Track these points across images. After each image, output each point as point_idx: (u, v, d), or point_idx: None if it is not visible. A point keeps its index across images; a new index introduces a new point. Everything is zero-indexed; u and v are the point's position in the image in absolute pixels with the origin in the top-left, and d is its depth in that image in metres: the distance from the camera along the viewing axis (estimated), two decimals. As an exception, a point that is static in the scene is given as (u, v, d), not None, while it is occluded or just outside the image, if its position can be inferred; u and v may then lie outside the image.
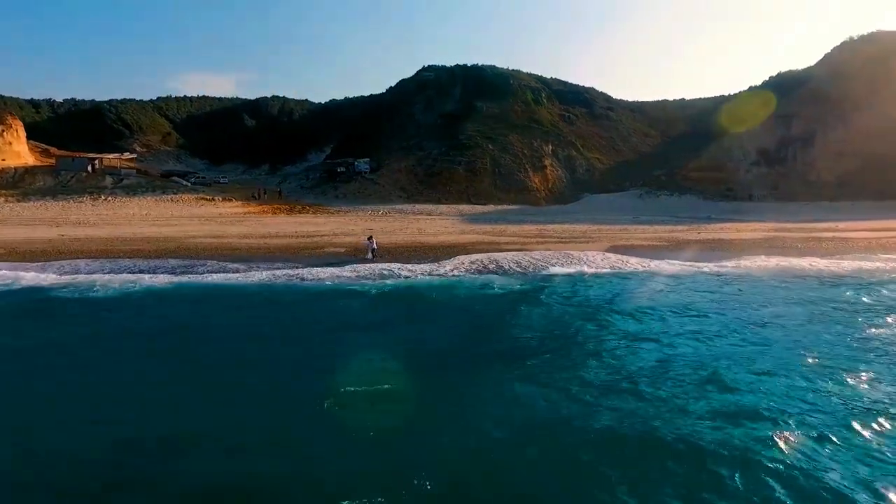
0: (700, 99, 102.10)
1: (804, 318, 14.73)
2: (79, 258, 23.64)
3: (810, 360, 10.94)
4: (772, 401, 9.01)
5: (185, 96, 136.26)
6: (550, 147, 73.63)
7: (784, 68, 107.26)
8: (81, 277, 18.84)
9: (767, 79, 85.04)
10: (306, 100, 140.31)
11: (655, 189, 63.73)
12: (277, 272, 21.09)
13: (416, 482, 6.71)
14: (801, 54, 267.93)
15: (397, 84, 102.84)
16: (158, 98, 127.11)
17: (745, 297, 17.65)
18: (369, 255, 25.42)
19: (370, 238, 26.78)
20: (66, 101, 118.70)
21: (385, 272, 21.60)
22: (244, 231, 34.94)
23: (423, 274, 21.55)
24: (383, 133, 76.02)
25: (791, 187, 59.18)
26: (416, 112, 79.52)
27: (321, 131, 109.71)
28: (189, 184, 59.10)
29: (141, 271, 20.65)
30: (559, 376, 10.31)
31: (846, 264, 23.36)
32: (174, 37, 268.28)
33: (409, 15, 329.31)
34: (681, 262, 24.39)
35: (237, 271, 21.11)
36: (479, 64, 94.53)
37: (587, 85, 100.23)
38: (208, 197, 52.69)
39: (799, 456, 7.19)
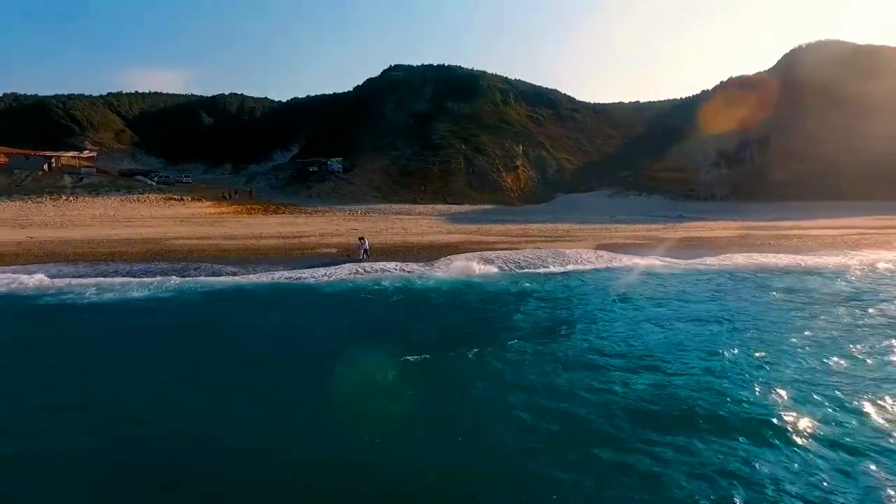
0: (655, 102, 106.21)
1: (807, 307, 15.68)
2: (59, 262, 22.37)
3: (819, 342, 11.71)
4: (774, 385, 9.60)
5: (136, 92, 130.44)
6: (521, 147, 74.83)
7: (735, 73, 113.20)
8: (75, 282, 17.85)
9: (719, 83, 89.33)
10: (266, 97, 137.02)
11: (624, 189, 65.85)
12: (275, 274, 20.64)
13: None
14: (753, 60, 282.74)
15: (365, 83, 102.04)
16: (109, 93, 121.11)
17: (746, 289, 18.61)
18: (361, 256, 25.16)
19: (361, 238, 26.47)
20: (5, 95, 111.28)
21: (395, 271, 21.52)
22: (227, 232, 33.87)
23: (425, 273, 21.55)
24: (354, 133, 75.17)
25: (749, 187, 62.42)
26: (387, 111, 79.10)
27: (286, 130, 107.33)
28: (154, 183, 56.60)
29: (132, 275, 19.75)
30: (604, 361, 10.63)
31: (822, 260, 24.94)
32: (117, 30, 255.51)
33: (368, 14, 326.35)
34: (671, 259, 25.41)
35: (235, 274, 20.51)
36: (447, 64, 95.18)
37: (549, 86, 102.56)
38: (176, 197, 50.68)
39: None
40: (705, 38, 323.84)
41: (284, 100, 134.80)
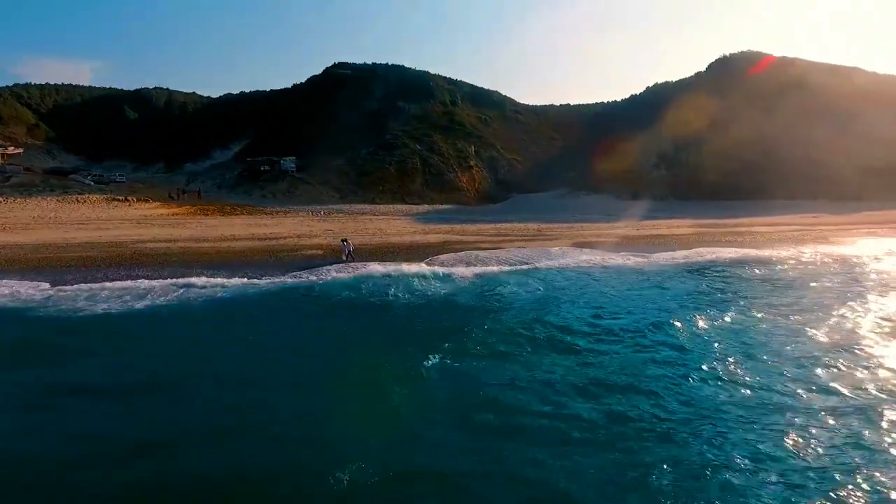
0: (588, 104, 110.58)
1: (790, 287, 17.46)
2: (24, 269, 20.30)
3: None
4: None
5: (47, 83, 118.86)
6: (473, 148, 75.93)
7: (662, 79, 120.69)
8: (69, 289, 16.33)
9: (654, 84, 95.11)
10: (195, 93, 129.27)
11: (575, 189, 68.63)
12: (278, 278, 19.97)
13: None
14: (684, 65, 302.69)
15: (307, 81, 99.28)
16: (16, 84, 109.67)
17: (738, 278, 20.33)
18: (344, 258, 24.71)
19: (345, 240, 25.97)
20: None
21: (403, 272, 21.40)
22: (193, 234, 32.01)
23: (429, 273, 21.62)
24: (304, 131, 72.93)
25: (686, 188, 67.08)
26: (339, 110, 77.43)
27: (225, 127, 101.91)
28: (92, 183, 52.08)
29: (109, 279, 18.30)
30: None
31: (785, 253, 27.60)
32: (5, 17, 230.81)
33: (301, 7, 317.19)
34: (649, 255, 27.05)
35: (246, 277, 19.55)
36: (391, 63, 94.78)
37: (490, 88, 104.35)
38: (120, 197, 47.04)
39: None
40: (631, 43, 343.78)
41: (215, 95, 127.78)
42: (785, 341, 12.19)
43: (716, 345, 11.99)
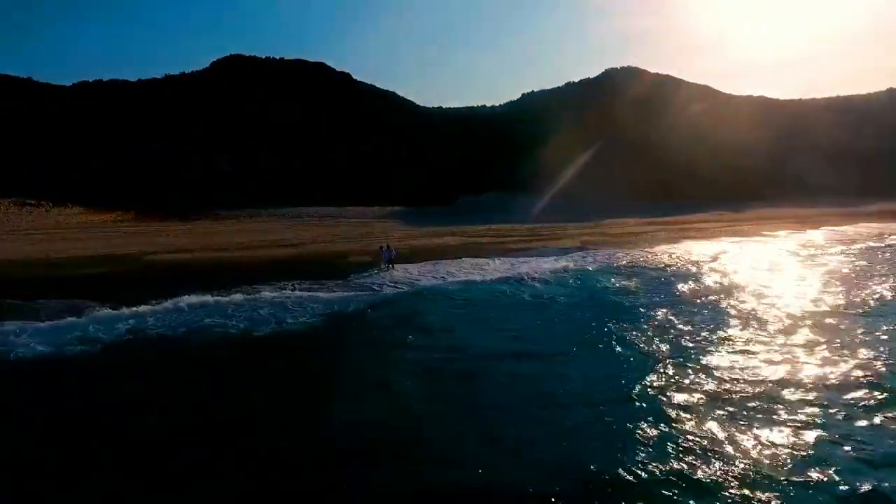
0: (484, 107, 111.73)
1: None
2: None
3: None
4: None
5: None
6: (404, 150, 75.63)
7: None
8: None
9: (563, 85, 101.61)
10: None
11: (511, 191, 71.60)
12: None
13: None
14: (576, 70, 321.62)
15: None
16: None
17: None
18: (384, 265, 23.43)
19: (384, 247, 24.52)
20: None
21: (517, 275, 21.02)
22: (204, 243, 28.21)
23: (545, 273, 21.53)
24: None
25: (608, 191, 73.03)
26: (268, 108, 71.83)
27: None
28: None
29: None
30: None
31: (745, 241, 32.70)
32: None
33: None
34: (659, 248, 29.96)
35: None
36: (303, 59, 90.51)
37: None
38: (31, 202, 39.28)
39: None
40: (516, 49, 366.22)
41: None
42: None
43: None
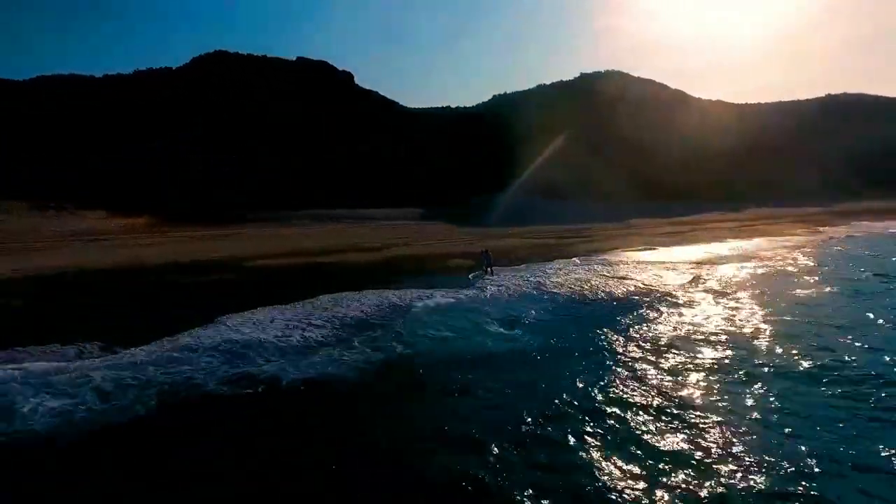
0: (457, 108, 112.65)
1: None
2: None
3: None
4: None
5: None
6: (404, 150, 74.67)
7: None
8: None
9: (545, 84, 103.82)
10: None
11: (501, 191, 72.27)
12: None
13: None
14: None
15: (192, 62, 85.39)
16: None
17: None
18: (485, 270, 22.56)
19: (485, 251, 23.70)
20: None
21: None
22: (291, 247, 26.55)
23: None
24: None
25: (595, 192, 75.23)
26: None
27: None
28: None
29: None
30: None
31: (784, 242, 34.55)
32: None
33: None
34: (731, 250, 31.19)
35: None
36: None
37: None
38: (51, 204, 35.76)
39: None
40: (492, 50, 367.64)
41: None
42: None
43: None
